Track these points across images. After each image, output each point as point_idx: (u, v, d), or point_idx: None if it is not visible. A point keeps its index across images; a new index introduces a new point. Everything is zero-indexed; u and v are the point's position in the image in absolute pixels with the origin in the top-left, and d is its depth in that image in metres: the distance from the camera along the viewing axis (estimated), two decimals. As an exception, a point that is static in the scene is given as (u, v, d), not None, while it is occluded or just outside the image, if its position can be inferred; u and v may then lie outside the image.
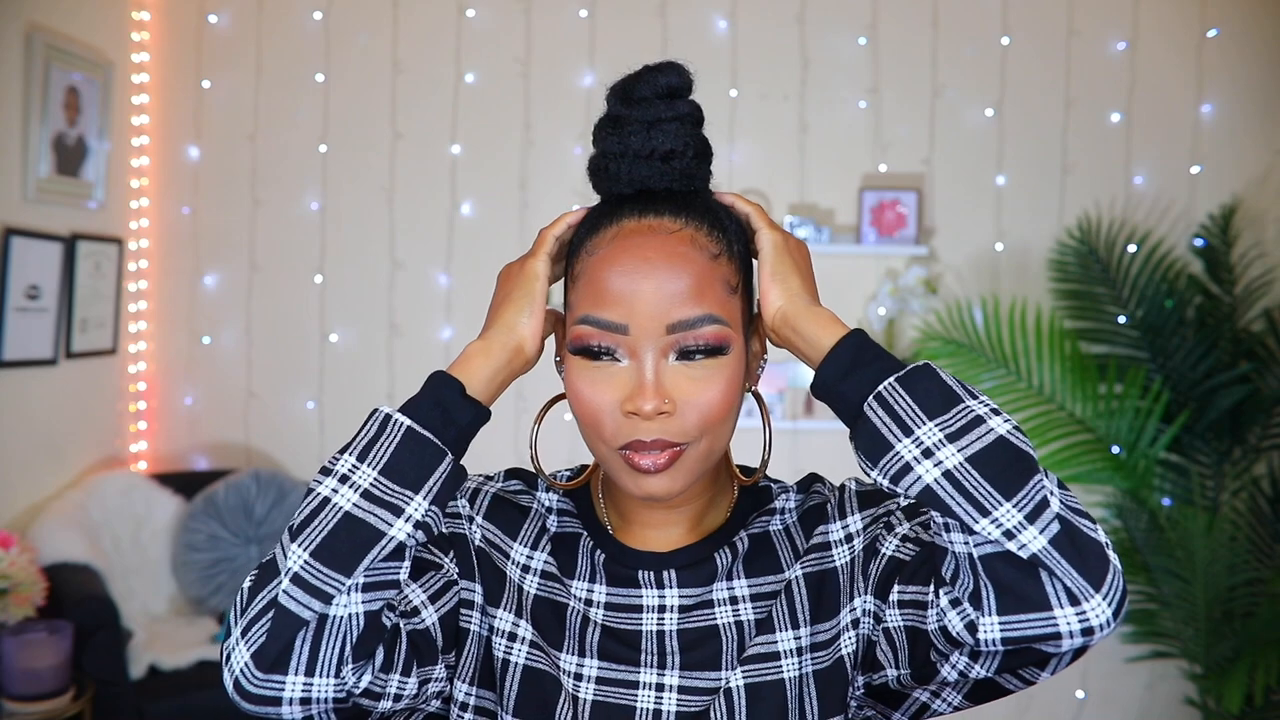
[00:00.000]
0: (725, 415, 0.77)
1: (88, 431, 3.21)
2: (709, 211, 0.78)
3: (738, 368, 0.77)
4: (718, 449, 0.78)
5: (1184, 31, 3.21)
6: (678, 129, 0.79)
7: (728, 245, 0.77)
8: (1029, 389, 3.03)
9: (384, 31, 3.39)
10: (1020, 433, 0.66)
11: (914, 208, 3.24)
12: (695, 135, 0.80)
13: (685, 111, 0.80)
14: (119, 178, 3.29)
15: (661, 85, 0.80)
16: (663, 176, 0.78)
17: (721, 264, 0.76)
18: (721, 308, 0.75)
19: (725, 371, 0.75)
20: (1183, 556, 2.74)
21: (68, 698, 2.37)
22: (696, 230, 0.76)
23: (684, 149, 0.78)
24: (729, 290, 0.76)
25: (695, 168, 0.79)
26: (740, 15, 3.31)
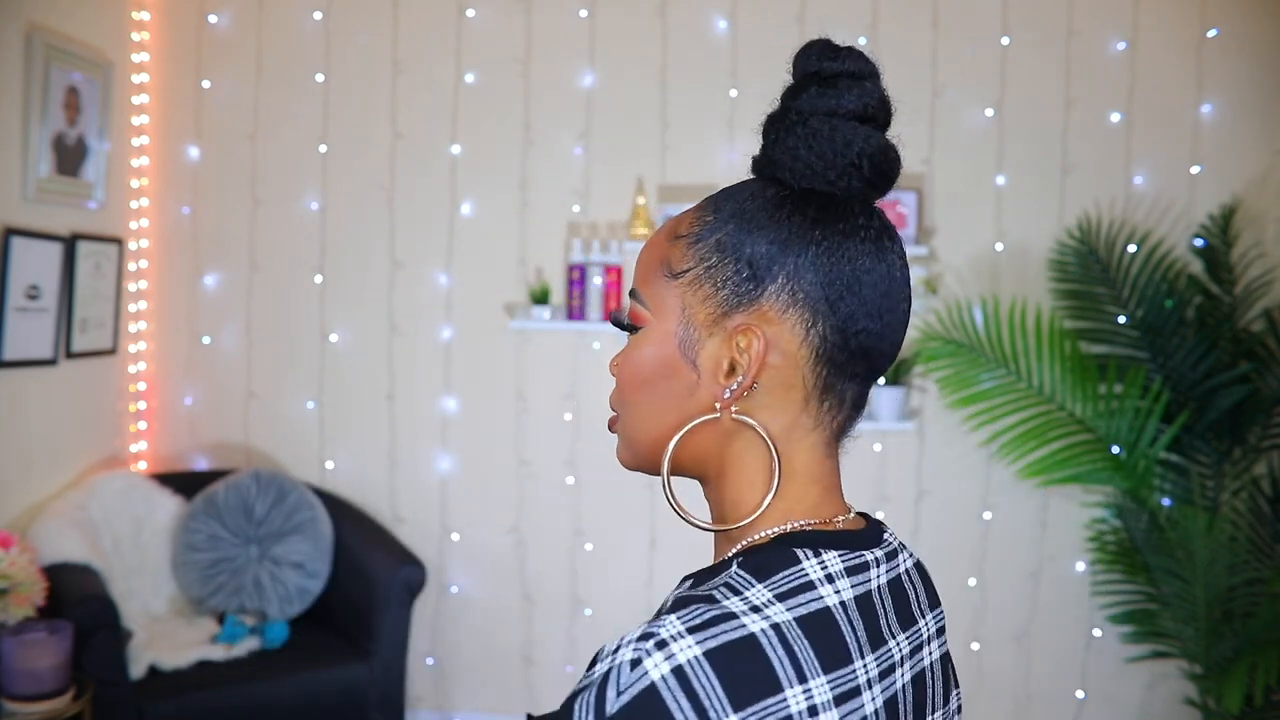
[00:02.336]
0: (626, 392, 0.70)
1: (88, 431, 3.21)
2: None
3: (651, 351, 0.68)
4: (636, 436, 0.70)
5: (1184, 31, 3.21)
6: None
7: (701, 231, 0.68)
8: (1029, 389, 3.03)
9: (384, 31, 3.39)
10: None
11: (914, 208, 3.24)
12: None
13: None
14: (119, 178, 3.29)
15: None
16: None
17: (677, 246, 0.68)
18: (647, 286, 0.69)
19: (633, 349, 0.69)
20: (1183, 556, 2.74)
21: (68, 698, 2.37)
22: (696, 211, 0.70)
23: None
24: (666, 273, 0.68)
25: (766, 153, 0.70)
26: (740, 15, 3.31)
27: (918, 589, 0.70)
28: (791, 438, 0.66)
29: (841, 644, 0.59)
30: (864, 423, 2.86)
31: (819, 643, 0.58)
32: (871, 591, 0.64)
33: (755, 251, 0.65)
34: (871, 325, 0.65)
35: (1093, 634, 3.30)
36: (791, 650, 0.56)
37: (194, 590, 3.04)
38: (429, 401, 3.42)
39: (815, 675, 0.56)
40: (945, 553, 3.36)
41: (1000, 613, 3.35)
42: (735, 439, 0.66)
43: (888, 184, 0.69)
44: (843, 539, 0.65)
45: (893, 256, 0.67)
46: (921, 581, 0.72)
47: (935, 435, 3.32)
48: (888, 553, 0.68)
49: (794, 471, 0.66)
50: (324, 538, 3.14)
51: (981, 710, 3.37)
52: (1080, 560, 3.29)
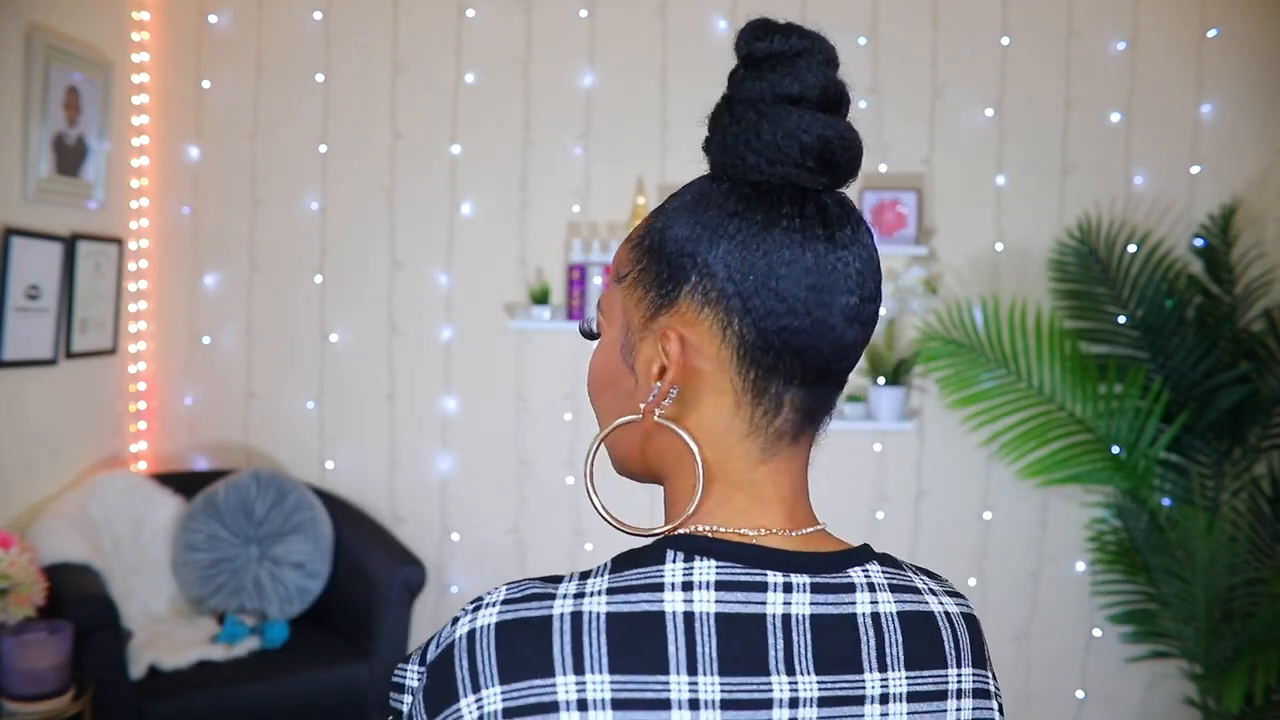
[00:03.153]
0: (591, 399, 0.70)
1: (88, 431, 3.21)
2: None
3: (601, 357, 0.68)
4: (613, 439, 0.68)
5: (1184, 31, 3.21)
6: None
7: (641, 232, 0.66)
8: (1029, 389, 3.03)
9: (384, 31, 3.39)
10: None
11: (914, 208, 3.24)
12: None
13: None
14: (119, 178, 3.29)
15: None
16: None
17: (623, 250, 0.67)
18: (605, 293, 0.69)
19: (592, 357, 0.69)
20: (1183, 556, 2.74)
21: (68, 698, 2.37)
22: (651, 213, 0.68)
23: None
24: (615, 278, 0.67)
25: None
26: (740, 15, 3.31)
27: (888, 638, 0.60)
28: (723, 443, 0.62)
29: (657, 652, 0.55)
30: (864, 423, 2.86)
31: (622, 642, 0.55)
32: (762, 616, 0.57)
33: (673, 250, 0.62)
34: (796, 322, 0.60)
35: (1093, 634, 3.30)
36: (580, 640, 0.54)
37: (194, 590, 3.04)
38: (429, 401, 3.42)
39: (598, 671, 0.54)
40: (945, 553, 3.36)
41: (1000, 613, 3.35)
42: (675, 443, 0.63)
43: (833, 170, 0.62)
44: (742, 552, 0.59)
45: (821, 245, 0.60)
46: (913, 635, 0.61)
47: (935, 435, 3.32)
48: (835, 584, 0.60)
49: (719, 478, 0.63)
50: (324, 538, 3.14)
51: (981, 710, 3.37)
52: (1080, 560, 3.29)
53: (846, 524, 3.35)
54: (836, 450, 3.34)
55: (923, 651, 0.61)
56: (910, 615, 0.62)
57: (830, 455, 2.89)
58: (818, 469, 0.93)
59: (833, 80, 0.64)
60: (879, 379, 3.22)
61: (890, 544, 3.36)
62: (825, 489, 3.58)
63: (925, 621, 0.62)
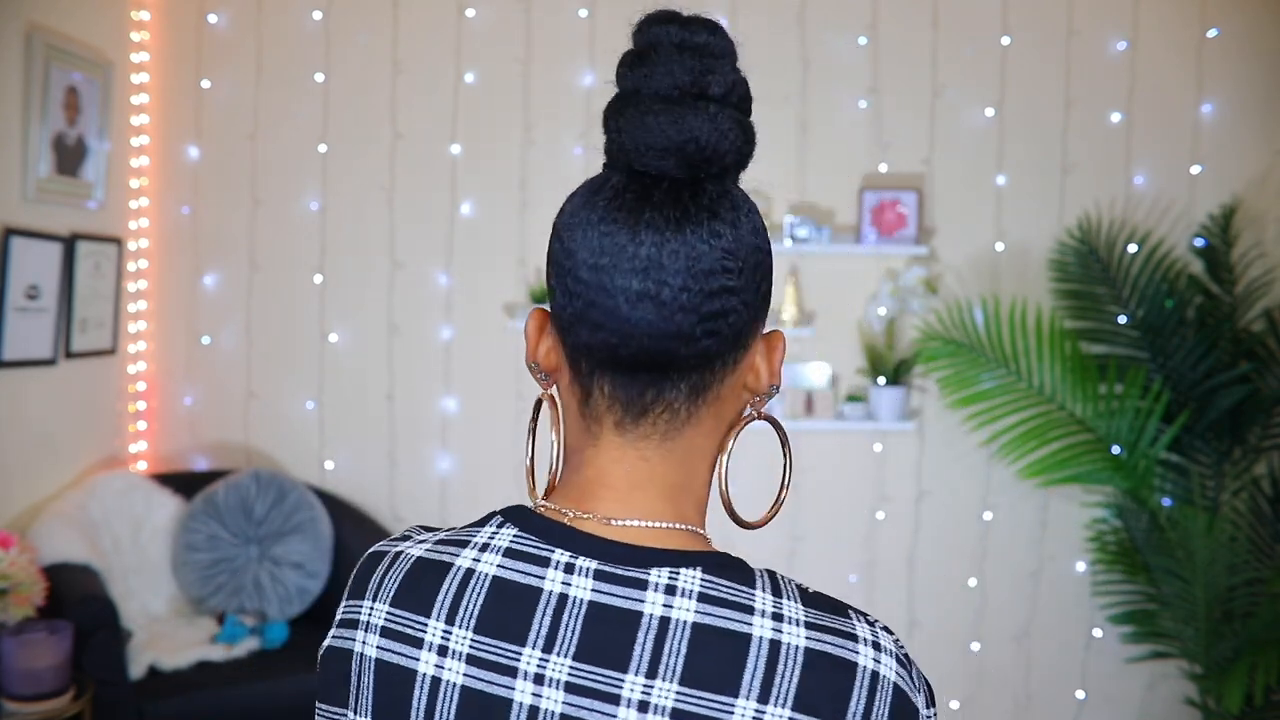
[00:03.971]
0: None
1: (87, 431, 3.21)
2: None
3: None
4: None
5: (1184, 31, 3.21)
6: None
7: None
8: (1029, 389, 3.03)
9: (384, 31, 3.39)
10: None
11: (914, 208, 3.24)
12: None
13: None
14: (119, 178, 3.28)
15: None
16: None
17: None
18: None
19: None
20: (1183, 556, 2.74)
21: (67, 698, 2.37)
22: None
23: None
24: None
25: None
26: (740, 15, 3.31)
27: (669, 646, 0.57)
28: (571, 426, 0.66)
29: (429, 596, 0.61)
30: (864, 423, 2.86)
31: (408, 583, 0.62)
32: (537, 590, 0.59)
33: (552, 234, 0.65)
34: (579, 303, 0.61)
35: (1093, 634, 3.30)
36: (384, 575, 0.63)
37: (194, 590, 3.04)
38: (429, 401, 3.42)
39: (381, 601, 0.62)
40: (945, 553, 3.36)
41: (1000, 613, 3.35)
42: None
43: (681, 161, 0.62)
44: (548, 527, 0.62)
45: (616, 228, 0.60)
46: (703, 651, 0.56)
47: (935, 435, 3.32)
48: (625, 577, 0.59)
49: (569, 458, 0.66)
50: (324, 538, 3.14)
51: (981, 710, 3.37)
52: (1080, 560, 3.29)
53: (847, 524, 3.35)
54: (837, 450, 3.34)
55: (709, 671, 0.56)
56: (710, 630, 0.57)
57: (830, 455, 2.92)
58: (818, 469, 0.92)
59: (688, 72, 0.63)
60: (879, 379, 3.22)
61: (890, 544, 3.37)
62: (825, 489, 3.58)
63: (728, 641, 0.57)
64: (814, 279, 3.32)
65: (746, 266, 0.62)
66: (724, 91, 0.64)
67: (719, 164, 0.63)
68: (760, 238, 0.64)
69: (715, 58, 0.65)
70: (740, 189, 0.67)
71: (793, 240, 3.19)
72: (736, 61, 0.67)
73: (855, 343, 3.32)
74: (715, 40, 0.65)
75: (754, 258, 0.63)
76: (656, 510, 0.63)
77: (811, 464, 3.34)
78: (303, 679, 2.78)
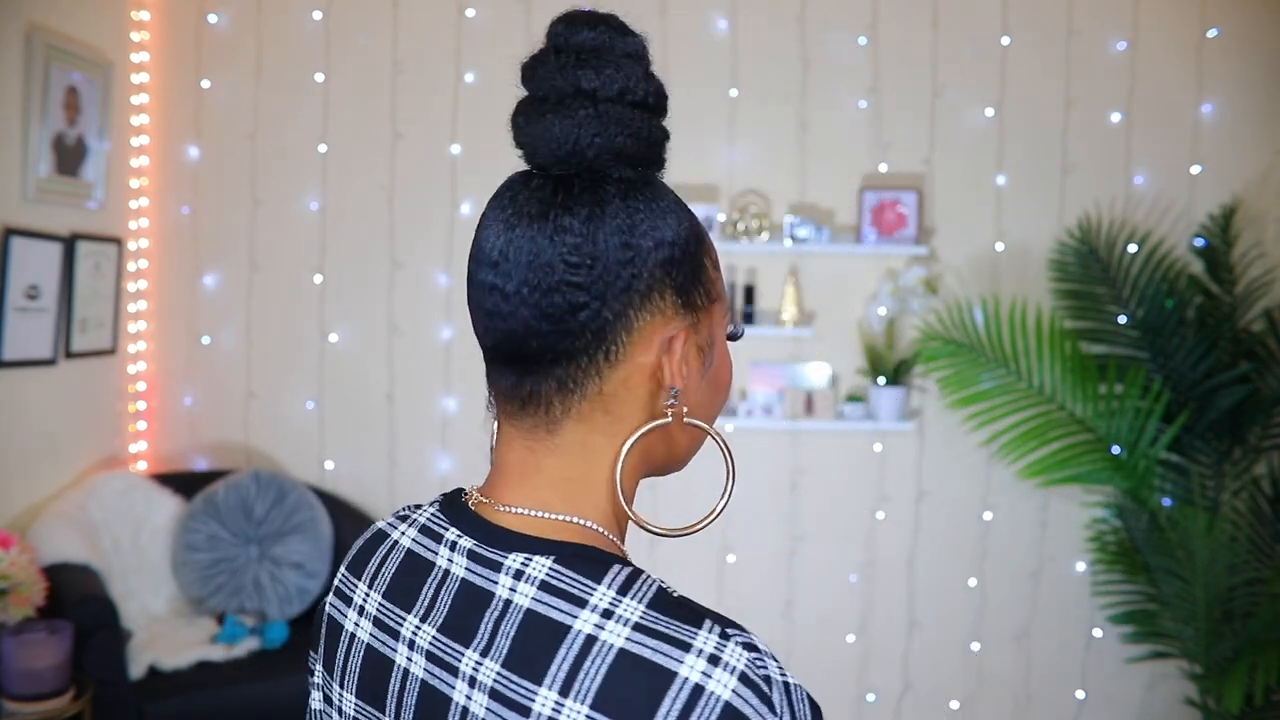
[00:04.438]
0: None
1: (87, 431, 3.21)
2: None
3: None
4: None
5: (1184, 31, 3.21)
6: None
7: None
8: (1029, 389, 3.03)
9: (384, 31, 3.39)
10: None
11: (914, 208, 3.24)
12: None
13: None
14: (119, 178, 3.28)
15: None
16: None
17: None
18: None
19: None
20: (1183, 556, 2.74)
21: (67, 698, 2.37)
22: None
23: None
24: None
25: None
26: (740, 15, 3.31)
27: (503, 628, 0.59)
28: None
29: (365, 562, 0.70)
30: (864, 423, 2.85)
31: (361, 552, 0.71)
32: (431, 564, 0.65)
33: None
34: (469, 300, 0.66)
35: (1093, 634, 3.30)
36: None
37: (194, 590, 3.04)
38: (429, 401, 3.42)
39: (343, 566, 0.72)
40: (945, 553, 3.35)
41: (1000, 613, 3.35)
42: None
43: (547, 158, 0.65)
44: (457, 510, 0.67)
45: (492, 222, 0.64)
46: (527, 637, 0.58)
47: (935, 435, 3.32)
48: (488, 559, 0.62)
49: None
50: (324, 538, 3.14)
51: (981, 710, 3.37)
52: (1080, 560, 3.29)
53: (847, 524, 3.35)
54: (837, 450, 3.34)
55: (526, 657, 0.57)
56: (538, 618, 0.58)
57: (830, 455, 2.92)
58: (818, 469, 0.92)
59: (561, 71, 0.66)
60: (879, 379, 3.22)
61: (890, 544, 3.36)
62: (825, 489, 3.58)
63: (549, 631, 0.58)
64: (814, 279, 3.32)
65: (601, 265, 0.62)
66: (595, 87, 0.65)
67: (581, 161, 0.64)
68: (635, 236, 0.63)
69: (594, 53, 0.66)
70: (642, 187, 0.66)
71: (793, 240, 3.19)
72: (629, 54, 0.67)
73: (855, 343, 3.32)
74: (596, 36, 0.66)
75: (616, 255, 0.62)
76: (544, 501, 0.64)
77: (811, 464, 3.34)
78: (303, 679, 2.78)
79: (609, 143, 0.64)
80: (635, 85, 0.66)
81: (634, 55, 0.68)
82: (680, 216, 0.67)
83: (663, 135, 0.68)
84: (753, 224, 3.22)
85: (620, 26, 0.68)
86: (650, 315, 0.64)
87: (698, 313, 0.67)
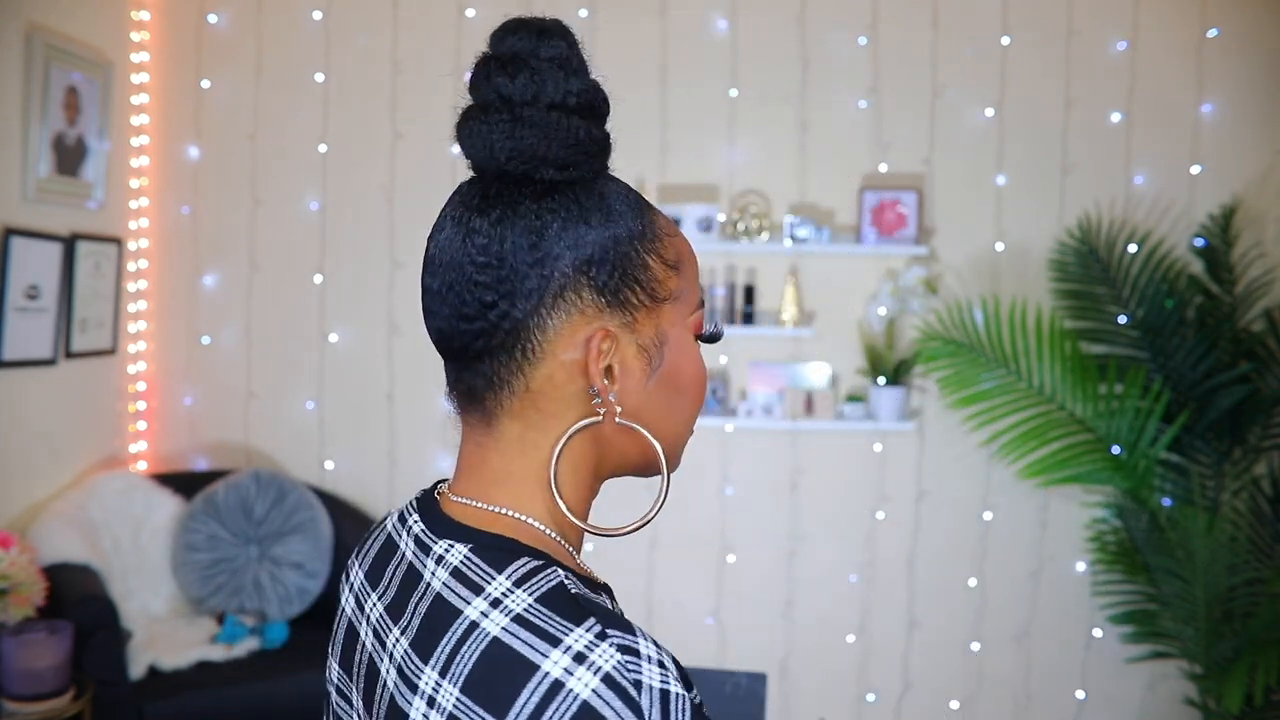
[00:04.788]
0: None
1: (87, 431, 3.21)
2: None
3: None
4: None
5: (1184, 31, 3.21)
6: None
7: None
8: (1029, 389, 3.03)
9: (384, 31, 3.39)
10: None
11: (914, 208, 3.24)
12: None
13: None
14: (119, 178, 3.28)
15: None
16: None
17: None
18: None
19: None
20: (1183, 556, 2.74)
21: (67, 698, 2.37)
22: None
23: None
24: None
25: None
26: (740, 15, 3.31)
27: (417, 610, 0.63)
28: None
29: (365, 546, 0.75)
30: (864, 423, 2.86)
31: (366, 536, 0.76)
32: (396, 545, 0.70)
33: None
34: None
35: (1093, 634, 3.30)
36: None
37: (194, 590, 3.04)
38: (429, 401, 3.41)
39: (361, 567, 0.74)
40: (945, 553, 3.35)
41: (1000, 613, 3.35)
42: None
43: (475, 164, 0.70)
44: (426, 499, 0.73)
45: (434, 228, 0.69)
46: (430, 621, 0.61)
47: (935, 435, 3.32)
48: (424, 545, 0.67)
49: None
50: (324, 538, 3.14)
51: (981, 710, 3.37)
52: (1080, 560, 3.29)
53: (847, 524, 3.35)
54: (837, 450, 3.34)
55: (424, 638, 0.60)
56: (442, 601, 0.61)
57: (830, 455, 2.92)
58: (818, 469, 0.93)
59: (485, 81, 0.69)
60: (879, 379, 3.22)
61: (890, 544, 3.36)
62: (825, 489, 3.58)
63: (446, 614, 0.60)
64: (814, 279, 3.32)
65: (508, 265, 0.64)
66: (510, 93, 0.67)
67: (498, 166, 0.67)
68: (545, 237, 0.64)
69: (514, 60, 0.68)
70: (565, 189, 0.67)
71: (793, 240, 3.19)
72: (550, 59, 0.69)
73: (855, 343, 3.32)
74: (517, 42, 0.68)
75: (524, 256, 0.64)
76: (485, 492, 0.68)
77: (811, 464, 3.34)
78: (303, 679, 2.78)
79: (519, 146, 0.66)
80: (553, 89, 0.68)
81: (555, 59, 0.69)
82: (613, 215, 0.67)
83: (587, 135, 0.68)
84: (753, 224, 3.22)
85: (542, 30, 0.69)
86: (567, 314, 0.65)
87: (633, 311, 0.67)
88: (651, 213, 0.70)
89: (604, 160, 0.70)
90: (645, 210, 0.70)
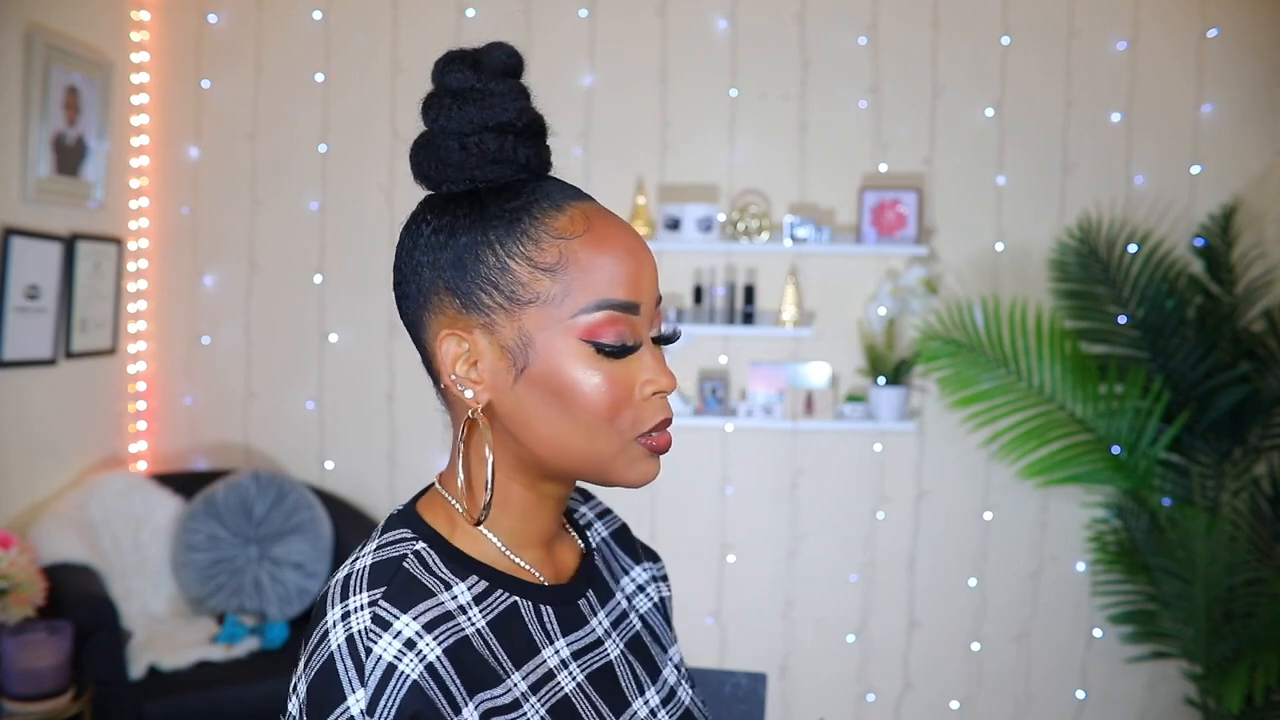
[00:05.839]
0: None
1: (87, 431, 3.21)
2: None
3: None
4: None
5: (1184, 31, 3.21)
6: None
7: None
8: (1029, 389, 3.03)
9: (384, 31, 3.39)
10: None
11: (914, 208, 3.24)
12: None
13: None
14: (119, 178, 3.28)
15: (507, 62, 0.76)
16: (546, 154, 0.76)
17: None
18: None
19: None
20: (1183, 556, 2.74)
21: (67, 698, 2.36)
22: None
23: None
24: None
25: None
26: (740, 15, 3.31)
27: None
28: None
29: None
30: (864, 423, 2.86)
31: None
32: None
33: None
34: None
35: (1093, 634, 3.30)
36: None
37: (194, 590, 3.04)
38: (429, 401, 3.39)
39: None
40: (945, 553, 3.35)
41: (1000, 613, 3.35)
42: None
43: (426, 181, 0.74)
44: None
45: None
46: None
47: (935, 435, 3.32)
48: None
49: None
50: (324, 538, 3.14)
51: (981, 710, 3.37)
52: (1080, 560, 3.29)
53: (847, 524, 3.35)
54: (837, 450, 3.34)
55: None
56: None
57: (830, 455, 2.92)
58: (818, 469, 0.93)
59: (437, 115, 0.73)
60: (879, 379, 3.22)
61: (890, 544, 3.36)
62: (825, 489, 3.57)
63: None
64: (814, 279, 3.32)
65: (402, 272, 0.73)
66: (432, 123, 0.73)
67: (422, 186, 0.75)
68: (418, 244, 0.72)
69: (444, 94, 0.74)
70: (443, 201, 0.73)
71: (793, 240, 3.19)
72: (449, 91, 0.73)
73: (855, 343, 3.32)
74: (448, 76, 0.73)
75: (405, 261, 0.73)
76: (443, 471, 0.77)
77: (811, 464, 3.33)
78: (303, 679, 2.77)
79: (416, 168, 0.74)
80: (437, 114, 0.73)
81: (451, 90, 0.74)
82: (482, 220, 0.69)
83: (448, 155, 0.71)
84: (753, 224, 3.22)
85: (440, 65, 0.74)
86: (433, 315, 0.72)
87: (489, 313, 0.69)
88: (539, 217, 0.70)
89: (503, 170, 0.71)
90: (530, 214, 0.70)
